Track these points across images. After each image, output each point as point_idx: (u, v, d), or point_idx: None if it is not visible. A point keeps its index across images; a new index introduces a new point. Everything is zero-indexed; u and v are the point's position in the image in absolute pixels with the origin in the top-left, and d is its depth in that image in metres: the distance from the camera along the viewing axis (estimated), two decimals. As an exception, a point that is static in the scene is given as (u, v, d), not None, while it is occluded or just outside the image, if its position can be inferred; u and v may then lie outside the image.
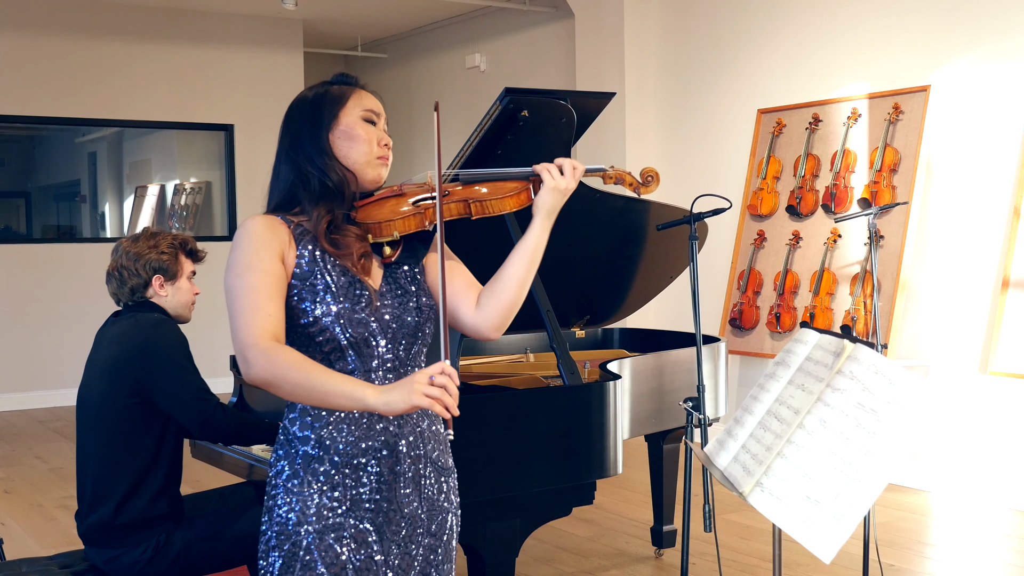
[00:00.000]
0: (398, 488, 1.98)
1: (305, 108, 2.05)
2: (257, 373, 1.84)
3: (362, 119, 2.03)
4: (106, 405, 3.03)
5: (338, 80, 2.10)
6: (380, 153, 2.04)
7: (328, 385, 1.82)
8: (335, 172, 1.99)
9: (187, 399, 2.98)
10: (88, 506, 3.07)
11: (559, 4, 8.42)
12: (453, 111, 9.54)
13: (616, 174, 2.22)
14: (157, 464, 3.04)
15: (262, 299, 1.89)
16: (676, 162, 7.33)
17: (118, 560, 3.00)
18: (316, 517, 1.92)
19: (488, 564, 2.99)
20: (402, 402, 1.77)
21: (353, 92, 2.06)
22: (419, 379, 1.79)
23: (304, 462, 1.95)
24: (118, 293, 3.15)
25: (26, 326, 8.68)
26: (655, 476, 4.41)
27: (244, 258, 1.92)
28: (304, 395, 1.84)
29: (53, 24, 8.75)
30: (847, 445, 2.09)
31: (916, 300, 5.72)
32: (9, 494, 5.82)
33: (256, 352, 1.84)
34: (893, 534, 4.80)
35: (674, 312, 6.71)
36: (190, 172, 9.84)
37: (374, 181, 2.04)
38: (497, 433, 2.95)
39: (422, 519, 2.02)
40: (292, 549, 1.92)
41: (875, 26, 6.01)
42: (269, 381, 1.84)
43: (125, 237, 3.18)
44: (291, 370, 1.83)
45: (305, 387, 1.82)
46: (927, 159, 5.69)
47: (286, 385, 1.83)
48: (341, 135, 2.02)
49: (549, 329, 3.27)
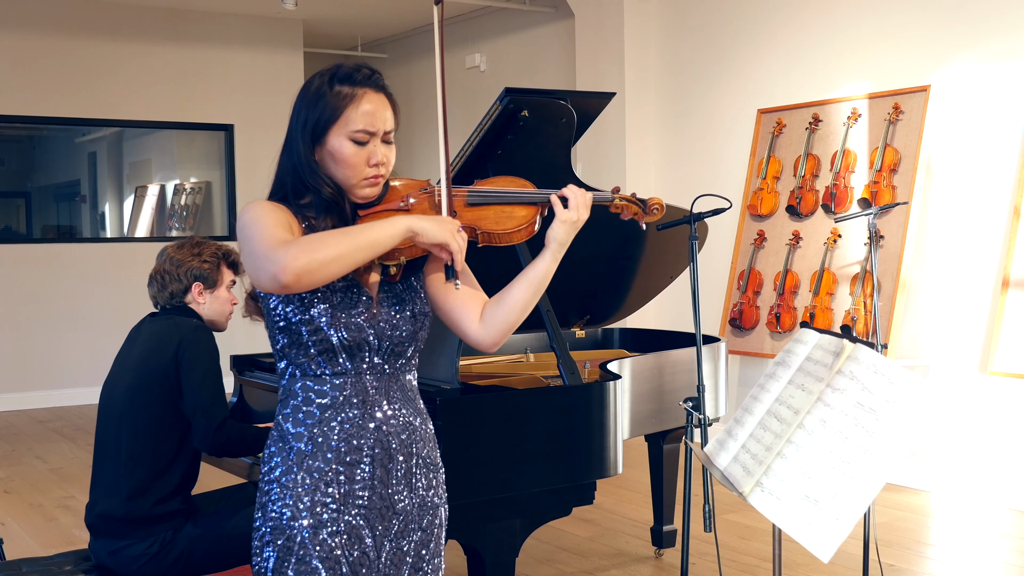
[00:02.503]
0: (391, 485, 1.99)
1: (303, 107, 1.99)
2: (296, 260, 1.78)
3: (350, 140, 1.95)
4: (135, 400, 3.06)
5: (344, 77, 1.99)
6: (368, 174, 1.97)
7: (368, 231, 1.86)
8: (326, 187, 1.97)
9: (204, 407, 3.01)
10: (101, 496, 3.09)
11: (559, 4, 8.43)
12: (453, 111, 9.51)
13: (622, 205, 2.23)
14: (176, 464, 3.07)
15: (281, 230, 1.88)
16: (676, 162, 7.33)
17: (123, 552, 3.01)
18: (310, 513, 1.93)
19: (488, 564, 2.99)
20: (442, 235, 1.90)
21: (352, 101, 1.96)
22: (452, 223, 1.93)
23: (298, 459, 1.95)
24: (157, 296, 3.21)
25: (26, 326, 8.68)
26: (655, 476, 4.41)
27: (261, 213, 1.91)
28: (351, 251, 1.83)
29: (53, 24, 8.75)
30: (846, 444, 2.09)
31: (916, 300, 5.72)
32: (9, 494, 5.82)
33: (285, 247, 1.81)
34: (893, 534, 4.80)
35: (674, 312, 6.71)
36: (190, 172, 9.84)
37: (365, 199, 2.00)
38: (497, 433, 2.95)
39: (413, 515, 2.03)
40: (287, 544, 1.93)
41: (875, 26, 6.01)
42: (307, 263, 1.79)
43: (171, 243, 3.26)
44: (326, 237, 1.83)
45: (347, 242, 1.83)
46: (927, 159, 5.69)
47: (328, 251, 1.81)
48: (328, 155, 1.97)
49: (549, 329, 3.27)
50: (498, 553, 3.00)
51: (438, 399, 2.84)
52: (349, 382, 1.97)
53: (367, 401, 1.98)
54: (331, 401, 1.96)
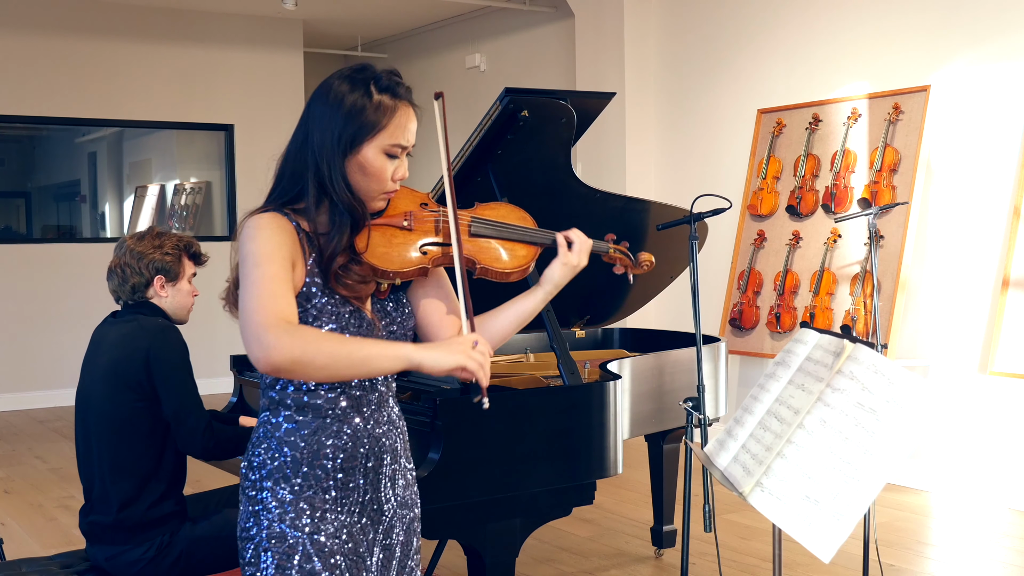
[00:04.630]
0: (381, 487, 2.01)
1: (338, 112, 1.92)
2: (281, 352, 1.74)
3: (384, 153, 1.93)
4: (109, 411, 3.00)
5: (385, 87, 1.94)
6: (389, 188, 1.96)
7: (367, 348, 1.81)
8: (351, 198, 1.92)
9: (185, 413, 2.96)
10: (90, 506, 3.06)
11: (559, 4, 8.42)
12: (453, 111, 9.52)
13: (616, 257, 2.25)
14: (160, 469, 3.02)
15: (282, 288, 1.82)
16: (676, 162, 7.33)
17: (120, 558, 3.00)
18: (308, 517, 1.93)
19: (488, 564, 2.99)
20: (450, 361, 1.82)
21: (395, 115, 1.93)
22: (463, 343, 1.84)
23: (293, 466, 1.93)
24: (118, 291, 3.13)
25: (26, 326, 8.68)
26: (655, 476, 4.41)
27: (264, 249, 1.85)
28: (342, 364, 1.79)
29: (53, 24, 8.75)
30: (847, 444, 2.09)
31: (916, 300, 5.72)
32: (9, 494, 5.82)
33: (277, 332, 1.75)
34: (893, 534, 4.80)
35: (674, 312, 6.71)
36: (190, 172, 9.84)
37: (375, 210, 1.99)
38: (497, 433, 2.95)
39: (399, 515, 2.05)
40: (287, 550, 1.91)
41: (875, 26, 6.01)
42: (297, 358, 1.75)
43: (129, 235, 3.16)
44: (323, 341, 1.78)
45: (342, 354, 1.78)
46: (927, 159, 5.69)
47: (320, 357, 1.76)
48: (357, 166, 1.92)
49: (549, 329, 3.27)
50: (498, 553, 3.00)
51: (438, 399, 2.84)
52: (342, 393, 1.96)
53: (360, 410, 1.98)
54: (325, 411, 1.94)
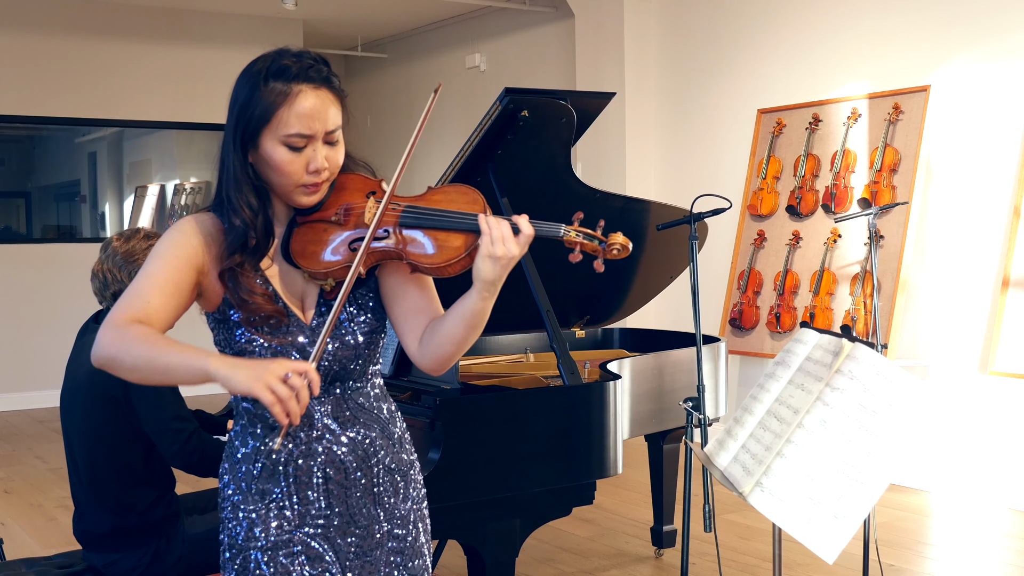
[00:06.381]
0: (351, 499, 1.87)
1: (235, 102, 1.78)
2: (100, 349, 1.69)
3: (284, 145, 1.75)
4: (89, 423, 2.94)
5: (278, 71, 1.75)
6: (306, 181, 1.77)
7: (171, 356, 1.65)
8: (246, 211, 1.77)
9: (165, 425, 2.87)
10: (80, 513, 3.03)
11: (559, 4, 8.42)
12: (453, 111, 9.54)
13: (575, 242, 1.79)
14: (148, 474, 2.96)
15: (153, 287, 1.74)
16: (676, 162, 7.33)
17: (117, 564, 2.97)
18: (264, 534, 1.84)
19: (488, 564, 2.99)
20: (244, 385, 1.60)
21: (286, 100, 1.73)
22: (274, 369, 1.61)
23: (247, 480, 1.86)
24: (101, 293, 3.05)
25: (26, 326, 8.68)
26: (655, 476, 4.41)
27: (159, 250, 1.79)
28: (147, 369, 1.67)
29: (53, 24, 8.75)
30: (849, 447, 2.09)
31: (916, 300, 5.72)
32: (9, 494, 5.81)
33: (109, 328, 1.70)
34: (893, 534, 4.80)
35: (674, 312, 6.71)
36: (190, 172, 9.84)
37: (303, 206, 1.83)
38: (497, 433, 2.95)
39: (383, 525, 1.90)
40: (244, 564, 1.85)
41: (875, 26, 6.00)
42: (112, 356, 1.68)
43: (116, 235, 3.07)
44: (137, 344, 1.67)
45: (146, 359, 1.66)
46: (927, 159, 5.69)
47: (128, 359, 1.67)
48: (261, 160, 1.78)
49: (549, 329, 3.27)
50: (498, 553, 3.00)
51: (438, 399, 2.84)
52: None
53: (313, 425, 1.84)
54: (276, 423, 1.79)
